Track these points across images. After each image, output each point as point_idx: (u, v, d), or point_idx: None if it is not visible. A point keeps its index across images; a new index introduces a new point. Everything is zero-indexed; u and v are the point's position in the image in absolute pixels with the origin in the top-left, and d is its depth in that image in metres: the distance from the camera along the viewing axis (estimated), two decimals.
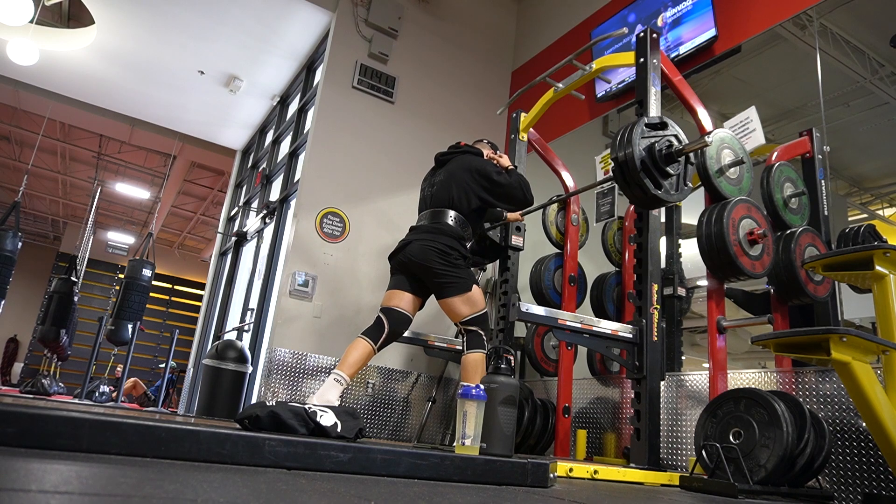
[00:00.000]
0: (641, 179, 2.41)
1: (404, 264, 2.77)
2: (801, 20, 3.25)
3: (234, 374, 4.04)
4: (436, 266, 2.67)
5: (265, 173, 5.99)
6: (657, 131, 2.49)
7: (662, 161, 2.46)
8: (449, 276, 2.68)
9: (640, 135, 2.44)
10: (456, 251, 2.72)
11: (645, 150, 2.43)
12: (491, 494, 1.29)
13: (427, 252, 2.69)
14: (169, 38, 5.54)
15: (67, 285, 7.26)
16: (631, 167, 2.41)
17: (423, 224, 2.86)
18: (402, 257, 2.77)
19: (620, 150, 2.45)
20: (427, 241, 2.73)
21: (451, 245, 2.71)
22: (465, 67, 5.28)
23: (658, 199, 2.45)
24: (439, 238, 2.72)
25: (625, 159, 2.42)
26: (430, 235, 2.75)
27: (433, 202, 2.89)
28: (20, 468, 0.87)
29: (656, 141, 2.46)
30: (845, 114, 3.57)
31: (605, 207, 3.78)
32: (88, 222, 10.08)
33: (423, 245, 2.72)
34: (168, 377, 6.77)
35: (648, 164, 2.42)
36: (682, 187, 2.53)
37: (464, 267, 2.75)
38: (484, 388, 2.01)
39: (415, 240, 2.77)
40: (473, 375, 2.62)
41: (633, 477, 2.28)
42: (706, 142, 2.43)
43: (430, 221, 2.83)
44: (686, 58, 3.70)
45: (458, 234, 2.77)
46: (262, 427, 1.86)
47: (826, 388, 2.36)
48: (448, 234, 2.74)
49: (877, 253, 1.88)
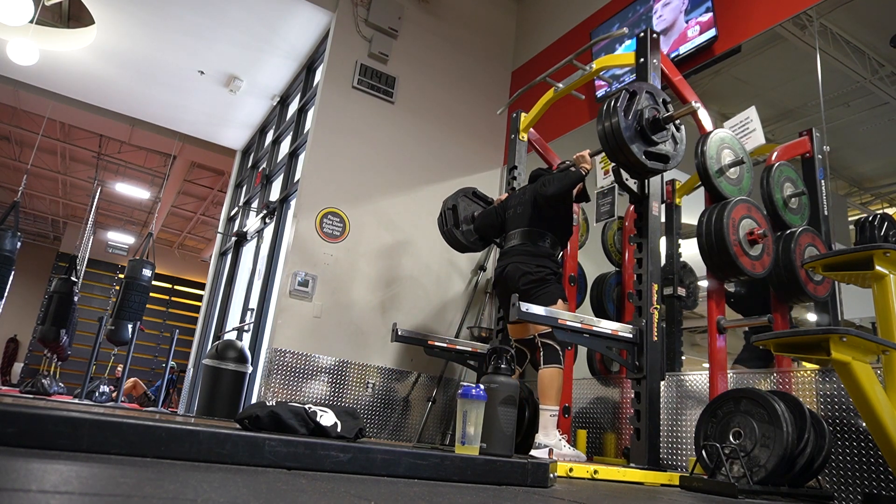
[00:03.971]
0: (628, 146, 2.43)
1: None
2: (801, 20, 3.24)
3: (234, 374, 4.04)
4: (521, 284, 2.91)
5: (265, 173, 5.99)
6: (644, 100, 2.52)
7: (650, 129, 2.47)
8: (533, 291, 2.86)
9: (625, 103, 2.46)
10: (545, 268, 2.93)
11: (632, 118, 2.45)
12: (491, 494, 1.29)
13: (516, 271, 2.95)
14: (169, 38, 5.54)
15: (67, 285, 7.25)
16: (617, 135, 2.42)
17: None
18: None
19: (606, 120, 2.47)
20: (518, 261, 2.99)
21: (540, 264, 2.94)
22: (465, 67, 5.28)
23: (644, 165, 2.47)
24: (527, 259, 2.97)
25: (611, 127, 2.44)
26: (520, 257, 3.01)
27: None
28: (20, 468, 0.87)
29: (643, 108, 2.48)
30: (845, 114, 3.57)
31: (605, 207, 3.78)
32: (88, 222, 10.08)
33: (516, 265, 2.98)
34: (168, 377, 6.77)
35: (635, 131, 2.45)
36: (674, 154, 2.54)
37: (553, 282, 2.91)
38: (484, 388, 2.01)
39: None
40: (549, 390, 2.72)
41: (633, 477, 2.28)
42: (693, 107, 2.46)
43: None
44: (686, 58, 3.70)
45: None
46: (262, 427, 1.86)
47: (826, 388, 2.36)
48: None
49: (877, 253, 1.87)
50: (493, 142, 5.24)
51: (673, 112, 2.55)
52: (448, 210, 3.69)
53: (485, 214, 3.51)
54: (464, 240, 3.65)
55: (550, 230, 3.02)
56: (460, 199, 3.74)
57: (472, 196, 3.78)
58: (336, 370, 4.05)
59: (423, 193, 4.72)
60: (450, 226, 3.66)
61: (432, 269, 4.63)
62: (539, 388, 2.77)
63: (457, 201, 3.73)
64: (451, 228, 3.66)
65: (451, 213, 3.68)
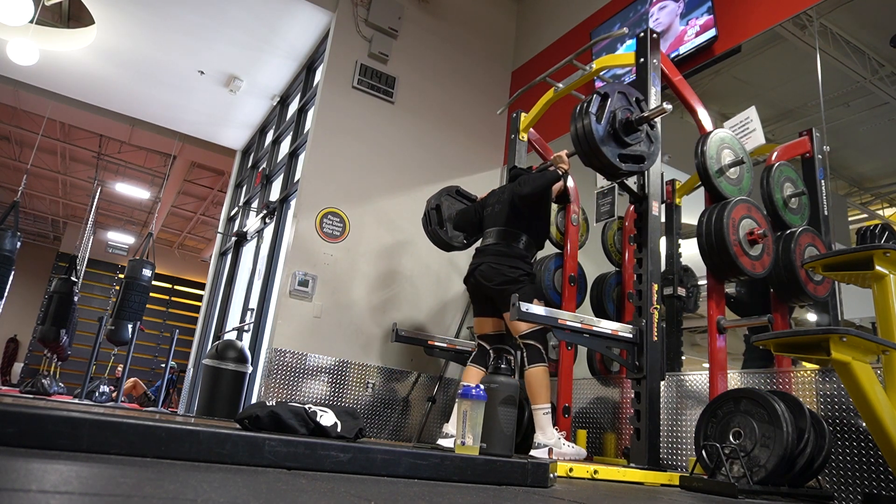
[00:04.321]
0: (599, 148, 2.40)
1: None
2: (801, 20, 3.24)
3: (234, 374, 4.04)
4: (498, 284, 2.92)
5: (265, 173, 5.99)
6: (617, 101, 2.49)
7: (622, 130, 2.45)
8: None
9: (597, 106, 2.43)
10: (519, 269, 2.93)
11: (605, 121, 2.42)
12: (491, 494, 1.29)
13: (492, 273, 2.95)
14: (169, 38, 5.54)
15: (67, 285, 7.25)
16: (590, 139, 2.40)
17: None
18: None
19: (578, 121, 2.45)
20: (492, 262, 2.98)
21: (513, 265, 2.93)
22: (465, 67, 5.28)
23: (618, 168, 2.45)
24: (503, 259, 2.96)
25: (583, 130, 2.41)
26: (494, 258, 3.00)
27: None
28: (20, 468, 0.87)
29: (616, 110, 2.46)
30: (845, 114, 3.57)
31: (605, 207, 3.78)
32: (88, 222, 10.08)
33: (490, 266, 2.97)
34: (168, 377, 6.77)
35: (606, 134, 2.42)
36: (649, 154, 2.53)
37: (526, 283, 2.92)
38: (484, 388, 2.01)
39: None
40: (539, 388, 2.73)
41: (633, 477, 2.28)
42: (665, 108, 2.44)
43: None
44: (686, 58, 3.70)
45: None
46: (262, 427, 1.86)
47: (826, 388, 2.36)
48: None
49: (877, 253, 1.87)
50: (493, 142, 5.24)
51: (646, 112, 2.52)
52: (432, 209, 3.65)
53: (463, 212, 3.49)
54: (448, 239, 3.63)
55: (526, 231, 3.02)
56: (444, 198, 3.71)
57: (456, 194, 3.75)
58: (336, 370, 4.05)
59: (423, 193, 4.71)
60: (434, 225, 3.62)
61: (432, 269, 4.63)
62: (528, 389, 2.79)
63: (440, 200, 3.69)
64: (436, 228, 3.62)
65: (436, 213, 3.64)
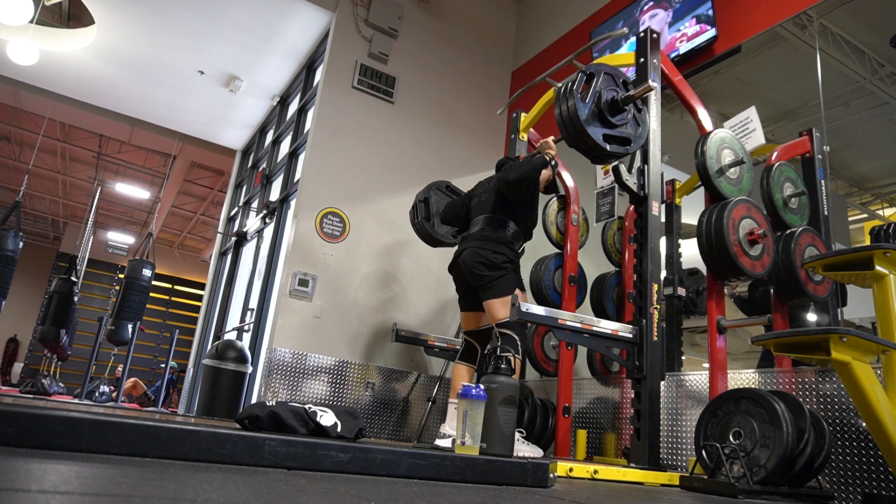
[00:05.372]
0: (584, 128, 2.35)
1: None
2: (801, 20, 3.24)
3: (234, 374, 4.04)
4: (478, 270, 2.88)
5: (265, 173, 5.99)
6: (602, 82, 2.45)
7: (608, 111, 2.41)
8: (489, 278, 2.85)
9: (581, 85, 2.39)
10: (501, 255, 2.88)
11: (590, 100, 2.38)
12: (491, 494, 1.29)
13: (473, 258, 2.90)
14: (169, 38, 5.54)
15: (67, 285, 7.25)
16: (574, 119, 2.35)
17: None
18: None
19: (563, 102, 2.39)
20: (476, 247, 2.92)
21: (497, 250, 2.89)
22: (465, 67, 5.28)
23: (603, 149, 2.41)
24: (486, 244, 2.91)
25: (567, 111, 2.37)
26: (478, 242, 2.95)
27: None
28: (20, 468, 0.87)
29: (601, 90, 2.42)
30: (845, 114, 3.57)
31: (605, 207, 3.78)
32: (88, 222, 10.08)
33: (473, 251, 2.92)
34: (168, 377, 6.77)
35: (591, 113, 2.38)
36: (636, 136, 2.50)
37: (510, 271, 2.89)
38: (484, 388, 2.01)
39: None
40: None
41: (633, 477, 2.28)
42: (651, 86, 2.41)
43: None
44: (686, 58, 3.70)
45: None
46: (262, 427, 1.86)
47: (826, 388, 2.36)
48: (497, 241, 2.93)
49: (877, 253, 1.87)
50: (493, 142, 5.24)
51: (632, 91, 2.47)
52: (420, 202, 3.64)
53: (451, 205, 3.45)
54: (433, 233, 3.62)
55: (513, 218, 2.98)
56: (433, 192, 3.70)
57: (446, 189, 3.75)
58: (336, 370, 4.05)
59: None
60: (420, 218, 3.61)
61: (432, 269, 4.63)
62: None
63: (428, 194, 3.68)
64: (422, 221, 3.61)
65: (423, 206, 3.62)
